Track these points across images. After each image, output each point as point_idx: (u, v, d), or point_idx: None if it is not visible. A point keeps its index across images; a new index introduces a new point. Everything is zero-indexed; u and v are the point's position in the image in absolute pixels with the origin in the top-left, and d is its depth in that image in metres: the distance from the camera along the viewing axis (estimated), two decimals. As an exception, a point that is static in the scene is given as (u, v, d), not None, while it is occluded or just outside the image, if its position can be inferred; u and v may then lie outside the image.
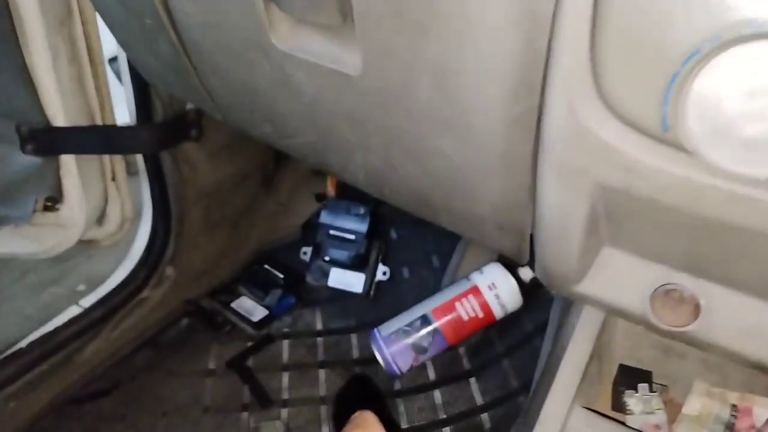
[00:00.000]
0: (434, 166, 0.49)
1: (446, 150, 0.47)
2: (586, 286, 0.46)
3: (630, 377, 0.57)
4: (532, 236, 0.50)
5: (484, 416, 0.81)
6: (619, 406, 0.55)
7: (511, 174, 0.44)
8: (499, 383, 0.84)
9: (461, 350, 0.91)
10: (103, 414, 0.78)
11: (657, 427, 0.52)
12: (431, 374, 0.88)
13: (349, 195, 1.03)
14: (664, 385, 0.58)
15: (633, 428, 0.50)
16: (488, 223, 0.51)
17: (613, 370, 0.59)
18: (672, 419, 0.54)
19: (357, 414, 0.33)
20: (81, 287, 1.33)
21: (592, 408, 0.52)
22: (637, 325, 0.47)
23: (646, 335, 0.59)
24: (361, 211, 0.97)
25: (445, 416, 0.82)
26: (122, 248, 0.92)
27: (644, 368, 0.58)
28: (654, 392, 0.54)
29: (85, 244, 0.92)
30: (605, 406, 0.57)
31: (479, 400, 0.83)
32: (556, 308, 0.84)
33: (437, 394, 0.85)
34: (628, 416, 0.53)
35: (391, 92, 0.45)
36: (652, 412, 0.52)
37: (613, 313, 0.48)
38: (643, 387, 0.54)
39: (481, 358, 0.89)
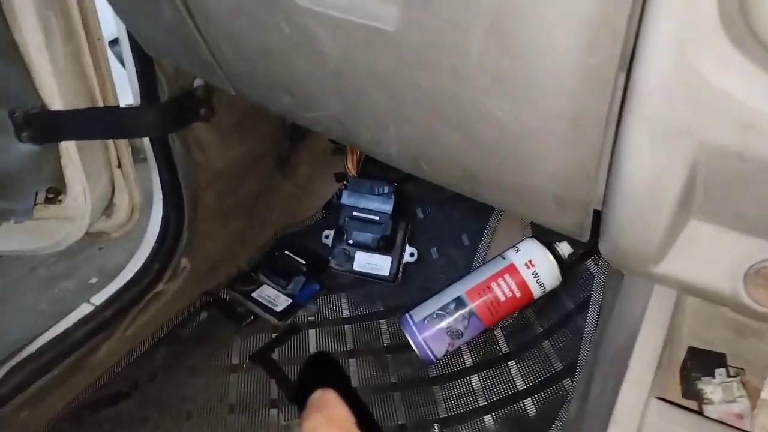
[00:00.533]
0: (483, 134, 0.43)
1: (499, 115, 0.40)
2: (668, 266, 0.39)
3: (702, 361, 0.51)
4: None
5: (528, 401, 0.76)
6: (692, 394, 0.50)
7: (579, 140, 0.38)
8: (540, 366, 0.79)
9: (497, 332, 0.86)
10: (122, 418, 0.74)
11: (739, 416, 0.47)
12: (467, 359, 0.83)
13: (372, 173, 0.97)
14: (740, 369, 0.52)
15: (715, 420, 0.45)
16: (545, 198, 0.45)
17: (681, 354, 0.53)
18: (752, 406, 0.49)
19: (317, 393, 0.28)
20: (93, 280, 1.29)
21: (665, 398, 0.46)
22: (723, 306, 0.42)
23: (716, 315, 0.53)
24: (385, 190, 0.91)
25: (485, 403, 0.77)
26: (134, 238, 0.87)
27: (716, 351, 0.52)
28: (733, 377, 0.48)
29: (94, 237, 0.87)
30: (675, 395, 0.52)
31: (521, 384, 0.78)
32: (598, 285, 0.78)
33: (475, 380, 0.80)
34: (706, 406, 0.47)
35: (435, 47, 0.38)
36: (733, 401, 0.46)
37: (696, 294, 0.42)
38: (720, 372, 0.48)
39: (519, 339, 0.83)
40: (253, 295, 0.88)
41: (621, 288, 0.64)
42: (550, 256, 0.81)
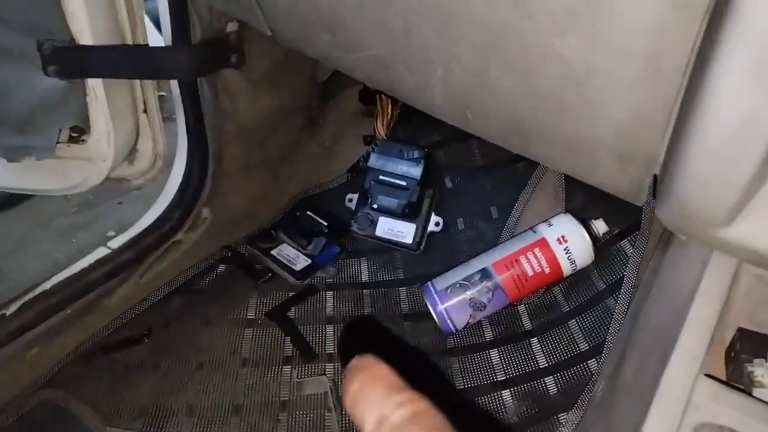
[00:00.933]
0: (543, 76, 0.39)
1: (565, 53, 0.37)
2: (737, 230, 0.36)
3: (753, 343, 0.47)
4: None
5: (549, 379, 0.73)
6: (739, 376, 0.47)
7: (655, 82, 0.34)
8: (565, 345, 0.76)
9: (521, 308, 0.83)
10: (133, 363, 0.73)
11: (792, 403, 0.43)
12: (488, 333, 0.81)
13: (402, 138, 0.94)
14: (793, 355, 0.49)
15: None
16: (603, 153, 0.41)
17: (728, 336, 0.50)
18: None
19: (353, 360, 0.26)
20: (111, 233, 1.28)
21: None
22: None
23: (769, 296, 0.49)
24: (415, 154, 0.87)
25: (504, 377, 0.75)
26: (154, 193, 0.85)
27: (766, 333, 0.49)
28: (787, 362, 0.45)
29: (115, 183, 0.85)
30: (720, 376, 0.49)
31: (543, 362, 0.76)
32: (633, 266, 0.75)
33: (494, 354, 0.78)
34: (756, 389, 0.44)
35: (501, -27, 0.35)
36: (787, 387, 0.43)
37: (762, 263, 0.39)
38: (773, 355, 0.45)
39: (544, 317, 0.80)
40: (273, 252, 0.86)
41: (662, 265, 0.61)
42: (585, 233, 0.77)
